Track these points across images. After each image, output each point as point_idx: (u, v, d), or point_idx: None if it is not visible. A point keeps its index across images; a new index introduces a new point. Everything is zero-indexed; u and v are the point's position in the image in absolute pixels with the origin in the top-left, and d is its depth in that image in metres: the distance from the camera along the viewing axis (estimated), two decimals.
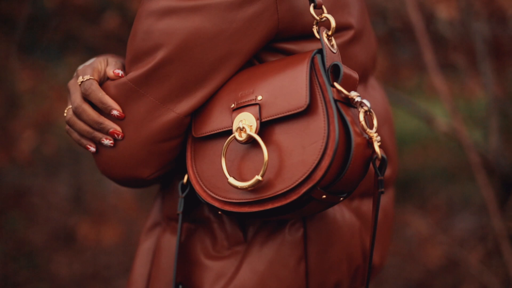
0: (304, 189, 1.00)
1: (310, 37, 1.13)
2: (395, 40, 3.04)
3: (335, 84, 1.03)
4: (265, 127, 1.06)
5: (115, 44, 3.18)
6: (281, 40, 1.14)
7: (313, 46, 1.14)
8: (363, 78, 1.28)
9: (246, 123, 1.06)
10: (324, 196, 1.02)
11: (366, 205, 1.27)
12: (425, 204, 3.93)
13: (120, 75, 1.14)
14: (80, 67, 1.20)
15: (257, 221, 1.18)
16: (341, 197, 1.06)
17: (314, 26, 1.11)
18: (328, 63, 1.05)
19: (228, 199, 1.06)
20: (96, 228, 3.71)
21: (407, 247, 3.54)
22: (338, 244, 1.21)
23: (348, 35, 1.20)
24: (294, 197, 1.00)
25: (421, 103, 3.07)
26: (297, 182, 1.00)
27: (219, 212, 1.11)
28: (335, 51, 1.09)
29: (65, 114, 1.19)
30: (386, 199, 1.35)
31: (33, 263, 3.64)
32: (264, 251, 1.17)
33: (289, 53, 1.14)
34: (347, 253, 1.22)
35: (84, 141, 1.17)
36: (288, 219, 1.18)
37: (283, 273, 1.16)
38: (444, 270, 3.33)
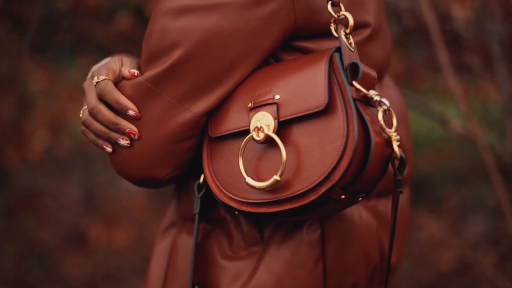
0: (323, 190, 0.98)
1: (328, 35, 1.12)
2: (409, 40, 3.01)
3: (354, 83, 1.02)
4: (283, 127, 1.04)
5: (127, 45, 3.18)
6: (298, 38, 1.13)
7: (330, 45, 1.12)
8: (379, 77, 1.26)
9: (263, 122, 1.04)
10: (343, 196, 1.00)
11: (383, 205, 1.26)
12: (437, 207, 3.89)
13: (135, 74, 1.13)
14: (95, 68, 1.19)
15: (274, 221, 1.17)
16: (360, 197, 1.04)
17: (332, 24, 1.10)
18: (346, 62, 1.04)
19: (246, 199, 1.05)
20: (107, 229, 3.71)
21: (420, 249, 3.52)
22: (356, 244, 1.19)
23: (365, 33, 1.18)
24: (312, 197, 0.99)
25: (436, 105, 3.04)
26: (315, 182, 0.98)
27: (236, 213, 1.09)
28: (353, 50, 1.07)
29: (80, 115, 1.18)
30: (402, 198, 1.33)
31: (45, 264, 3.65)
32: (281, 252, 1.15)
33: (306, 51, 1.13)
34: (365, 253, 1.21)
35: (100, 142, 1.16)
36: (306, 220, 1.16)
37: (300, 273, 1.15)
38: (456, 273, 3.30)
